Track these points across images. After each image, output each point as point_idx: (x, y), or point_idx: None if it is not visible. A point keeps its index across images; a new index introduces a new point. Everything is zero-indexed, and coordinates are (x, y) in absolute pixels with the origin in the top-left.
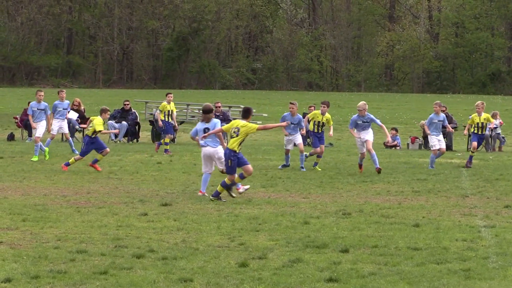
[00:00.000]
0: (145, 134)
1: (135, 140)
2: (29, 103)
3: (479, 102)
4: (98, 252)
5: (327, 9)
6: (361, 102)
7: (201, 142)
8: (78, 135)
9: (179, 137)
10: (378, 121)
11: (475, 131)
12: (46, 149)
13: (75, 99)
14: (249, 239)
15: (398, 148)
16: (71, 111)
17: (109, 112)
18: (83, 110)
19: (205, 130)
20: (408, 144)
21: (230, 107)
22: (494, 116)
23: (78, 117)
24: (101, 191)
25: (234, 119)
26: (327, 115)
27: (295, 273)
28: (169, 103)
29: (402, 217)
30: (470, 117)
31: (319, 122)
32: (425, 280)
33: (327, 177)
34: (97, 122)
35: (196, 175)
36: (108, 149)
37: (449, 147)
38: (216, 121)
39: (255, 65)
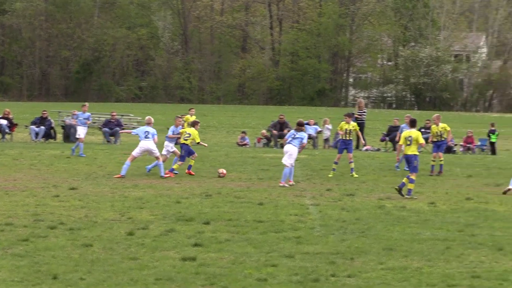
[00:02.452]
0: (58, 136)
1: (51, 139)
2: None
3: (434, 115)
4: (21, 224)
5: (195, 42)
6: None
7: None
8: (8, 137)
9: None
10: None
11: (434, 140)
12: None
13: (5, 110)
14: (135, 214)
15: (247, 146)
16: (1, 119)
17: (199, 124)
18: (11, 118)
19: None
20: (255, 143)
21: (122, 115)
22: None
23: (7, 123)
24: (24, 178)
25: (126, 124)
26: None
27: (169, 240)
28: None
29: (250, 197)
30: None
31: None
32: (267, 245)
33: (195, 168)
34: (195, 134)
35: (96, 167)
36: (196, 154)
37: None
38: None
39: (142, 84)
